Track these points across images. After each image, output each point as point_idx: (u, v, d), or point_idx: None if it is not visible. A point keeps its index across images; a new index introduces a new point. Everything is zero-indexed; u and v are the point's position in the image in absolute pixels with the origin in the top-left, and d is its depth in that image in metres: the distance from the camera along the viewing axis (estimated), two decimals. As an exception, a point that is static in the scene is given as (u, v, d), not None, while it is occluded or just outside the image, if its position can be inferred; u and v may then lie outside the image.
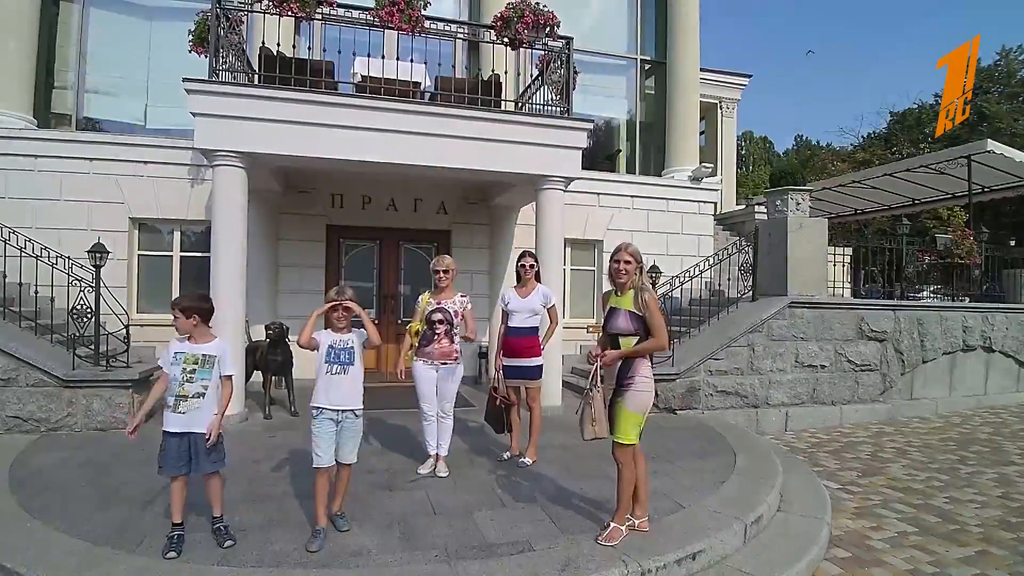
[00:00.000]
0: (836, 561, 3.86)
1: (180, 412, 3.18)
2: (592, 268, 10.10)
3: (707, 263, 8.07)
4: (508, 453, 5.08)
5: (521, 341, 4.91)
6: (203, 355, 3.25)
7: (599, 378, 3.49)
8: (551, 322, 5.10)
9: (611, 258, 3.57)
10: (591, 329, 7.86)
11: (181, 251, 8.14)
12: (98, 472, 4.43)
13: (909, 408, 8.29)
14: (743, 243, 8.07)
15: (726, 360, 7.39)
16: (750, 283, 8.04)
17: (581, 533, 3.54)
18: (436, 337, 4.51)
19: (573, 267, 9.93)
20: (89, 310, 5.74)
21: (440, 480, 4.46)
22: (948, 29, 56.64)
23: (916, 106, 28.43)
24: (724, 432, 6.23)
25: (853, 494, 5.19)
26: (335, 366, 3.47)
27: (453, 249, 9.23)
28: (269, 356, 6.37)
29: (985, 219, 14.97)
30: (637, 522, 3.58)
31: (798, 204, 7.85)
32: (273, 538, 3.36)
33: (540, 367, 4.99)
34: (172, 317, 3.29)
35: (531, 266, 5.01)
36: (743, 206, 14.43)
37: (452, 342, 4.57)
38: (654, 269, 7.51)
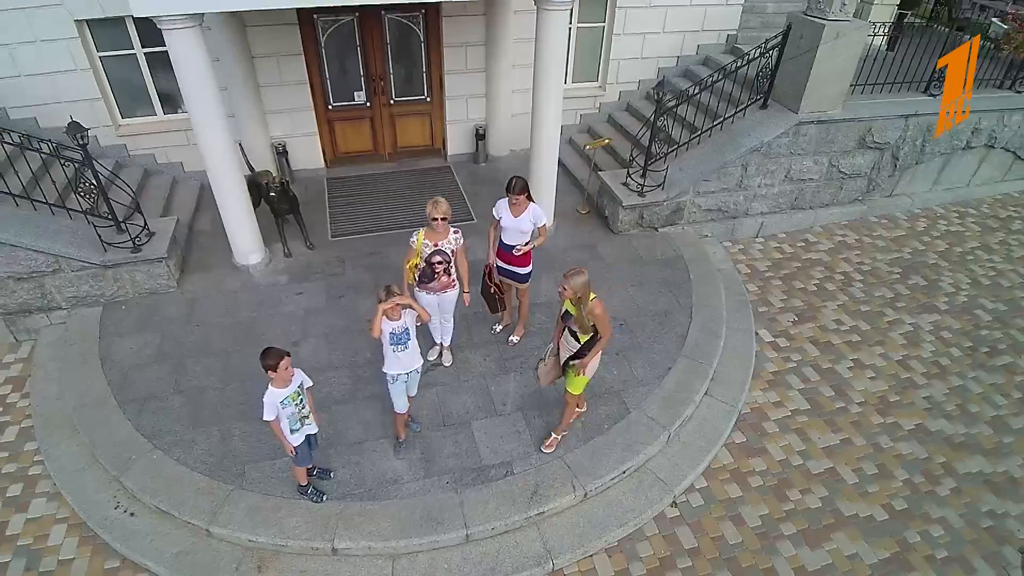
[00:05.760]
0: (732, 448, 5.29)
1: (310, 423, 4.18)
2: (601, 24, 8.92)
3: (730, 67, 7.32)
4: (499, 325, 6.13)
5: (512, 255, 5.37)
6: (298, 387, 4.00)
7: (555, 349, 4.66)
8: (540, 235, 5.39)
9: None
10: (590, 147, 7.67)
11: (144, 48, 7.27)
12: (175, 371, 5.53)
13: (883, 206, 8.66)
14: (768, 43, 7.12)
15: (716, 181, 7.54)
16: (766, 87, 7.46)
17: (547, 452, 4.93)
18: (436, 276, 5.01)
19: (580, 24, 8.78)
20: (93, 187, 5.85)
21: (446, 372, 5.64)
22: None
23: None
24: (693, 271, 6.99)
25: (779, 351, 6.29)
26: (399, 347, 4.35)
27: (443, 19, 8.09)
28: (277, 204, 6.66)
29: None
30: (560, 437, 4.98)
31: (844, 4, 6.62)
32: (330, 465, 4.75)
33: (529, 274, 5.56)
34: (270, 376, 3.78)
35: (521, 192, 5.05)
36: None
37: (450, 276, 5.09)
38: (660, 86, 6.88)
